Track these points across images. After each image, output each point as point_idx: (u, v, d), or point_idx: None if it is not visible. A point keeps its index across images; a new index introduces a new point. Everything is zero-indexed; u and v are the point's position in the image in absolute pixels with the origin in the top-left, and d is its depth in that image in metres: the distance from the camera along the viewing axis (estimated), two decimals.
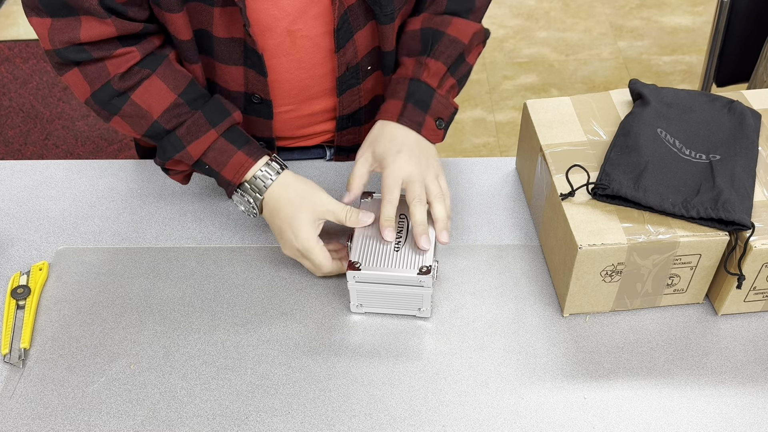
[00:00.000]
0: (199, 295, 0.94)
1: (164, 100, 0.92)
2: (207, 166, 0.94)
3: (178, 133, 0.93)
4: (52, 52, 0.90)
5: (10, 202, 1.07)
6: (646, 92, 0.97)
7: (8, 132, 1.54)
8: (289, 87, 1.01)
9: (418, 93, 0.95)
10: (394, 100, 0.96)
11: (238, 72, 0.97)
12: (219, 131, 0.93)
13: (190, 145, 0.93)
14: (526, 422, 0.81)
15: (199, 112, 0.93)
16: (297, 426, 0.81)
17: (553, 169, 0.91)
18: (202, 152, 0.93)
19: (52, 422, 0.82)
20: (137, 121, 0.94)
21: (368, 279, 0.87)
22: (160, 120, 0.93)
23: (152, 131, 0.94)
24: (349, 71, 1.00)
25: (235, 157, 0.92)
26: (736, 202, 0.82)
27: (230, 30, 0.92)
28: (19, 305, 0.92)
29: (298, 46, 0.96)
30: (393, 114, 0.94)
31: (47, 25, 0.87)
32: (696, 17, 2.98)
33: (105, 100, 0.93)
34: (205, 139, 0.93)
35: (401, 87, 0.96)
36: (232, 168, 0.92)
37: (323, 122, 1.09)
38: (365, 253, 0.88)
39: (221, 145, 0.93)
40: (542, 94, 2.66)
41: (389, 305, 0.90)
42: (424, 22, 0.99)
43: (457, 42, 0.98)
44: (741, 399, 0.82)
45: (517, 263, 0.96)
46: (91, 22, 0.87)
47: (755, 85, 1.60)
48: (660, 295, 0.89)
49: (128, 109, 0.93)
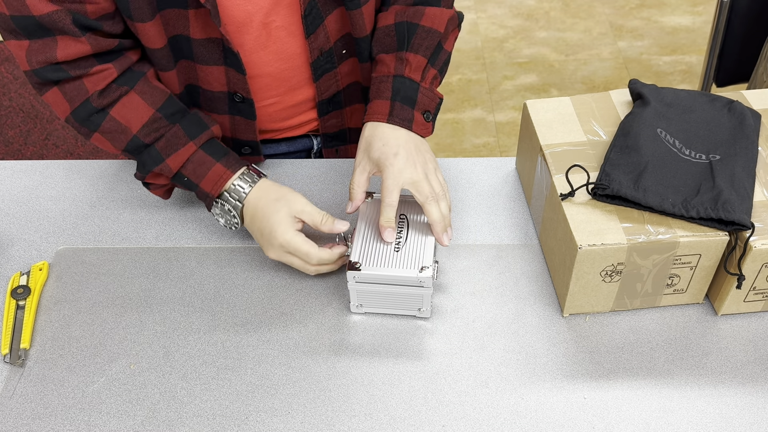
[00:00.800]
0: (199, 295, 0.94)
1: (143, 115, 0.93)
2: (186, 179, 0.94)
3: (157, 146, 0.93)
4: (30, 73, 0.90)
5: (10, 202, 1.07)
6: (646, 92, 0.97)
7: (8, 132, 1.54)
8: (270, 80, 1.02)
9: (403, 90, 0.95)
10: (381, 100, 0.95)
11: (219, 72, 0.98)
12: (197, 143, 0.94)
13: (169, 157, 0.93)
14: (526, 422, 0.81)
15: (177, 126, 0.94)
16: (297, 426, 0.81)
17: (553, 169, 0.91)
18: (181, 164, 0.94)
19: (52, 422, 0.82)
20: (117, 136, 0.94)
21: (368, 279, 0.87)
22: (139, 134, 0.93)
23: (132, 146, 0.94)
24: (323, 56, 1.01)
25: (213, 168, 0.93)
26: (736, 202, 0.82)
27: (207, 31, 0.92)
28: (19, 305, 0.92)
29: (274, 37, 0.97)
30: (382, 114, 0.94)
31: (24, 47, 0.88)
32: (696, 17, 2.98)
33: (84, 118, 0.93)
34: (184, 152, 0.93)
35: (385, 86, 0.95)
36: (211, 180, 0.93)
37: (306, 111, 1.11)
38: (365, 254, 0.88)
39: (200, 158, 0.94)
40: (542, 94, 2.66)
41: (389, 305, 0.90)
42: (397, 16, 0.98)
43: (433, 32, 0.98)
44: (741, 399, 0.82)
45: (517, 263, 0.96)
46: (66, 41, 0.88)
47: (755, 85, 1.60)
48: (660, 295, 0.89)
49: (107, 126, 0.93)
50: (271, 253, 0.92)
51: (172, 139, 0.93)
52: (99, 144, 0.97)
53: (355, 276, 0.87)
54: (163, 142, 0.93)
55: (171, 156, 0.93)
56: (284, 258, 0.91)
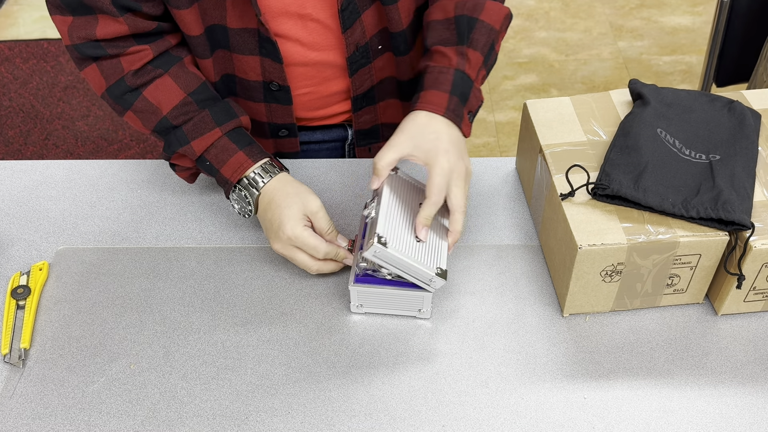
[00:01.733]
0: (199, 295, 0.94)
1: (174, 98, 0.96)
2: (208, 163, 0.96)
3: (185, 129, 0.95)
4: (71, 48, 0.94)
5: (10, 202, 1.07)
6: (646, 92, 0.97)
7: (8, 132, 1.54)
8: (304, 71, 1.03)
9: (461, 86, 0.92)
10: (439, 91, 0.91)
11: (254, 61, 0.99)
12: (223, 130, 0.95)
13: (194, 140, 0.95)
14: (526, 422, 0.81)
15: (206, 111, 0.96)
16: (297, 426, 0.81)
17: (553, 169, 0.91)
18: (205, 148, 0.95)
19: (52, 422, 0.82)
20: (147, 116, 0.97)
21: (388, 260, 0.83)
22: (168, 116, 0.95)
23: (160, 126, 0.97)
24: (358, 51, 1.01)
25: (235, 156, 0.94)
26: (736, 202, 0.82)
27: (244, 20, 0.94)
28: (19, 305, 0.92)
29: (309, 29, 0.98)
30: (440, 107, 0.90)
31: (68, 23, 0.92)
32: (696, 17, 2.98)
33: (118, 95, 0.96)
34: (209, 137, 0.95)
35: (446, 77, 0.92)
36: (231, 166, 0.94)
37: (340, 102, 1.12)
38: (390, 232, 0.85)
39: (224, 144, 0.95)
40: (542, 94, 2.66)
41: (390, 306, 0.90)
42: (457, 9, 0.95)
43: (491, 29, 0.96)
44: (741, 399, 0.82)
45: (517, 263, 0.96)
46: (106, 21, 0.91)
47: (755, 85, 1.60)
48: (660, 295, 0.89)
49: (139, 105, 0.96)
50: (277, 245, 0.91)
51: (199, 123, 0.95)
52: (130, 122, 0.99)
53: (376, 251, 0.82)
54: (191, 125, 0.95)
55: (196, 139, 0.95)
56: (289, 252, 0.91)
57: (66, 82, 1.55)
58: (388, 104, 1.12)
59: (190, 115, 0.96)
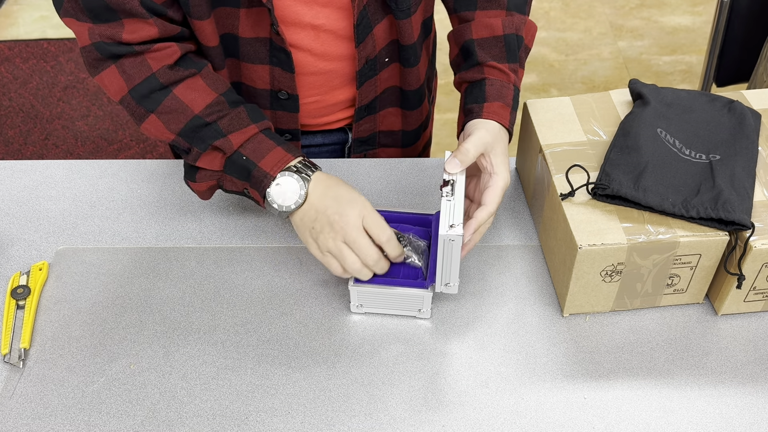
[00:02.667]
0: (199, 295, 0.94)
1: (207, 97, 0.92)
2: (244, 158, 0.91)
3: (220, 123, 0.91)
4: (90, 47, 0.89)
5: (10, 202, 1.07)
6: (646, 92, 0.97)
7: (8, 132, 1.54)
8: (313, 80, 1.04)
9: (516, 101, 0.95)
10: (504, 104, 0.93)
11: (264, 70, 0.99)
12: (259, 127, 0.92)
13: (232, 134, 0.91)
14: (526, 422, 0.81)
15: (241, 108, 0.93)
16: (297, 426, 0.81)
17: (553, 169, 0.91)
18: (242, 142, 0.91)
19: (52, 422, 0.82)
20: (175, 117, 0.92)
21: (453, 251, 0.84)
22: (201, 114, 0.91)
23: (190, 126, 0.92)
24: (368, 64, 1.02)
25: (274, 150, 0.90)
26: (736, 202, 0.82)
27: (256, 30, 0.94)
28: (19, 305, 0.92)
29: (321, 40, 0.98)
30: (505, 120, 0.92)
31: (87, 26, 0.88)
32: (696, 17, 2.98)
33: (145, 94, 0.91)
34: (247, 131, 0.91)
35: (508, 91, 0.94)
36: (271, 160, 0.90)
37: (344, 109, 1.12)
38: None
39: (261, 139, 0.91)
40: (542, 94, 2.66)
41: (390, 306, 0.90)
42: (505, 28, 0.97)
43: (527, 48, 0.99)
44: (741, 399, 0.82)
45: (517, 263, 0.96)
46: (134, 24, 0.87)
47: (755, 85, 1.60)
48: (660, 295, 0.89)
49: (168, 104, 0.91)
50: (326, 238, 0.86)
51: (236, 118, 0.91)
52: (150, 128, 0.94)
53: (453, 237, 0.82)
54: (227, 120, 0.91)
55: (234, 133, 0.91)
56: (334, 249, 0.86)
57: (66, 82, 1.55)
58: (388, 113, 1.13)
59: (224, 112, 0.92)
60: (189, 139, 0.92)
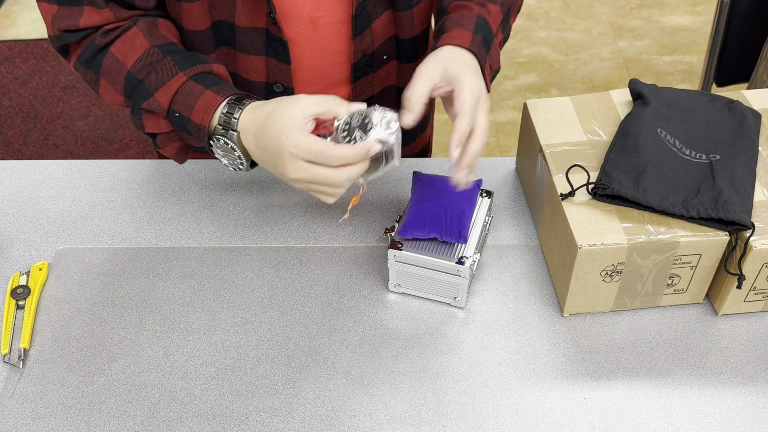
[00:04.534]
0: (199, 295, 0.94)
1: (139, 49, 0.87)
2: (177, 114, 0.84)
3: (147, 81, 0.85)
4: (53, 38, 0.90)
5: (10, 202, 1.07)
6: (646, 92, 0.97)
7: (8, 132, 1.54)
8: (310, 75, 1.02)
9: (484, 30, 0.88)
10: (463, 29, 0.87)
11: (259, 62, 0.98)
12: (188, 74, 0.85)
13: (158, 91, 0.84)
14: (526, 422, 0.81)
15: (168, 58, 0.86)
16: (297, 426, 0.81)
17: (553, 169, 0.90)
18: (171, 98, 0.84)
19: (52, 422, 0.82)
20: (115, 77, 0.88)
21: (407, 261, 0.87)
22: (132, 69, 0.86)
23: (129, 84, 0.87)
24: (364, 59, 1.01)
25: (203, 96, 0.83)
26: (736, 202, 0.82)
27: (253, 19, 0.92)
28: (19, 305, 0.92)
29: (320, 33, 0.97)
30: (465, 41, 0.85)
31: (52, 12, 0.89)
32: (696, 17, 2.98)
33: (88, 58, 0.89)
34: (173, 83, 0.84)
35: (469, 20, 0.88)
36: (200, 109, 0.82)
37: None
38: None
39: (189, 88, 0.84)
40: (542, 94, 2.66)
41: (426, 289, 0.90)
42: None
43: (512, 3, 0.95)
44: (741, 399, 0.82)
45: (517, 263, 0.96)
46: (90, 12, 0.88)
47: (755, 85, 1.60)
48: (660, 295, 0.89)
49: (107, 63, 0.88)
50: (288, 169, 0.78)
51: (161, 72, 0.85)
52: (105, 94, 0.91)
53: (395, 255, 0.87)
54: (153, 76, 0.85)
55: (159, 90, 0.84)
56: (305, 173, 0.78)
57: (66, 81, 1.55)
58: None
59: (153, 66, 0.85)
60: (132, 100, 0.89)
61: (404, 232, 0.88)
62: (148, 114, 0.87)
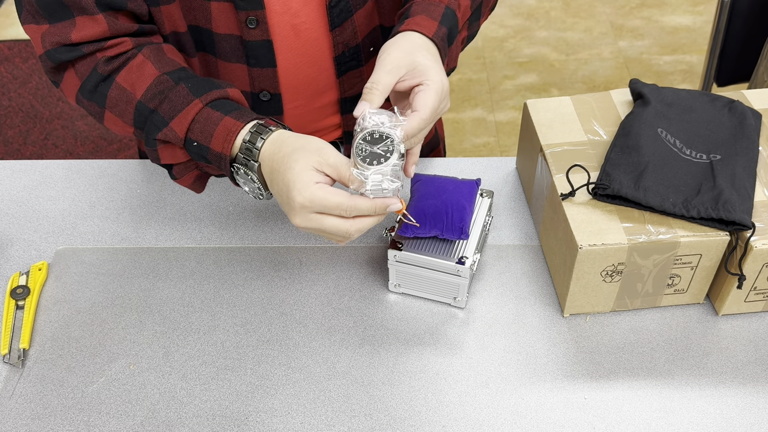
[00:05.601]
0: (199, 295, 0.94)
1: (148, 77, 0.83)
2: (195, 143, 0.81)
3: (161, 110, 0.82)
4: (44, 57, 0.86)
5: (9, 202, 1.06)
6: (646, 92, 0.97)
7: (8, 132, 1.54)
8: (296, 82, 0.99)
9: (450, 23, 0.85)
10: (429, 17, 0.83)
11: (241, 70, 0.95)
12: (204, 101, 0.81)
13: (173, 120, 0.80)
14: (527, 422, 0.80)
15: (181, 85, 0.82)
16: (297, 426, 0.81)
17: (554, 169, 0.90)
18: (188, 126, 0.80)
19: (51, 422, 0.82)
20: (124, 108, 0.84)
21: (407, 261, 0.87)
22: (143, 99, 0.83)
23: (139, 116, 0.84)
24: (348, 52, 0.97)
25: (222, 123, 0.79)
26: (737, 202, 0.82)
27: (229, 26, 0.90)
28: (19, 305, 0.92)
29: (303, 39, 0.95)
30: (429, 30, 0.82)
31: (42, 31, 0.85)
32: (696, 17, 2.98)
33: (92, 89, 0.85)
34: (188, 112, 0.80)
35: (437, 9, 0.84)
36: (220, 136, 0.79)
37: (330, 115, 1.07)
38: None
39: (207, 115, 0.80)
40: (542, 94, 2.66)
41: (426, 290, 0.90)
42: None
43: None
44: (741, 399, 0.82)
45: (517, 263, 0.96)
46: (83, 21, 0.83)
47: (756, 84, 1.60)
48: (660, 295, 0.89)
49: (113, 95, 0.84)
50: (296, 219, 0.74)
51: (176, 100, 0.81)
52: (112, 126, 0.88)
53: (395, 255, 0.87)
54: (167, 104, 0.81)
55: (175, 118, 0.80)
56: (313, 223, 0.74)
57: None
58: None
59: (165, 94, 0.82)
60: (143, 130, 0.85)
61: (405, 230, 0.88)
62: (164, 145, 0.84)
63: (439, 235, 0.87)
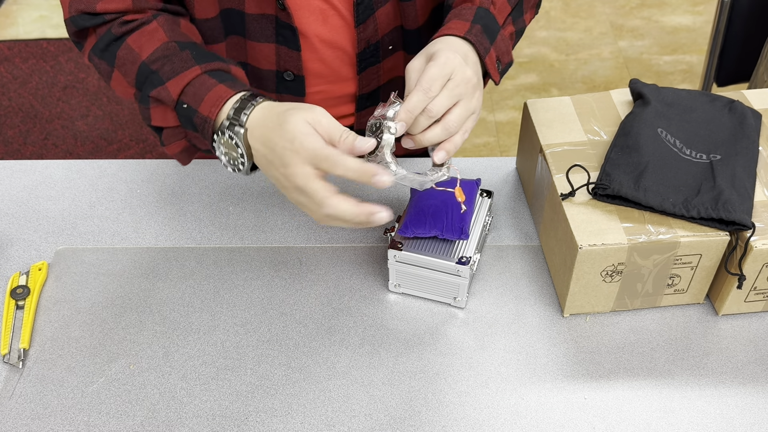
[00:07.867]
0: (199, 295, 0.94)
1: (157, 41, 0.85)
2: (185, 105, 0.82)
3: (161, 72, 0.84)
4: (68, 21, 0.89)
5: (9, 202, 1.06)
6: (646, 92, 0.97)
7: (8, 132, 1.54)
8: (320, 67, 1.01)
9: (486, 20, 0.86)
10: (460, 21, 0.85)
11: (269, 49, 0.97)
12: (203, 69, 0.82)
13: (170, 81, 0.82)
14: (526, 422, 0.80)
15: (186, 51, 0.84)
16: (297, 426, 0.81)
17: (554, 169, 0.90)
18: (182, 89, 0.82)
19: (51, 422, 0.82)
20: (129, 67, 0.86)
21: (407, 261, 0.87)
22: (147, 60, 0.84)
23: (140, 76, 0.85)
24: (369, 48, 1.00)
25: (214, 89, 0.80)
26: (737, 202, 0.82)
27: (261, 6, 0.92)
28: (19, 305, 0.92)
29: (329, 25, 0.97)
30: (460, 30, 0.83)
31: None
32: (696, 17, 2.98)
33: (103, 48, 0.88)
34: (186, 75, 0.82)
35: (468, 12, 0.86)
36: (210, 101, 0.80)
37: (345, 104, 1.09)
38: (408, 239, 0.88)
39: (202, 81, 0.82)
40: (542, 94, 2.66)
41: (426, 290, 0.90)
42: None
43: None
44: (742, 399, 0.82)
45: (517, 263, 0.96)
46: None
47: (756, 84, 1.60)
48: (660, 295, 0.89)
49: (122, 54, 0.86)
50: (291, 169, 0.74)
51: (177, 63, 0.83)
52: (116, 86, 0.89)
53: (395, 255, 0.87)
54: (168, 66, 0.83)
55: (172, 79, 0.82)
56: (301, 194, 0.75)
57: (65, 81, 1.55)
58: None
59: (169, 58, 0.84)
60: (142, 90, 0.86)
61: (405, 230, 0.88)
62: (156, 104, 0.85)
63: (439, 235, 0.87)
